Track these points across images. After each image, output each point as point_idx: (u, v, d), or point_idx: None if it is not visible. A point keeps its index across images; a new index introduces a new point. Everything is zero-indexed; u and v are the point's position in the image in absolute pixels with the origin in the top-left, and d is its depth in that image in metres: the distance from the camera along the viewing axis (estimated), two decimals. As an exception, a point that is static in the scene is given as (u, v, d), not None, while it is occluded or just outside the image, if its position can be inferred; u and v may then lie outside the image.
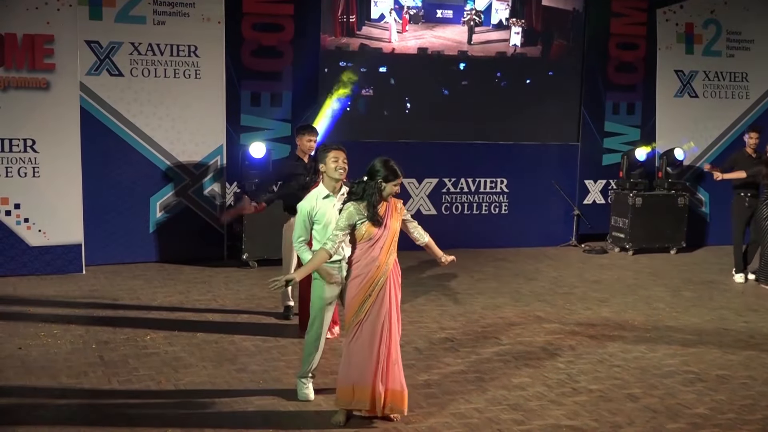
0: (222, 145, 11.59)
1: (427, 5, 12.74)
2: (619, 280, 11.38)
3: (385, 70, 12.73)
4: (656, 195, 13.23)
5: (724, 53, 14.05)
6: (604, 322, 9.21)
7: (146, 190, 11.33)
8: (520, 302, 9.99)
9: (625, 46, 13.91)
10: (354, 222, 6.14)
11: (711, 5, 13.88)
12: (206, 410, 6.36)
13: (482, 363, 7.68)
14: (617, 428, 6.31)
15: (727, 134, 14.05)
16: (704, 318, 9.57)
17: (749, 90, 14.18)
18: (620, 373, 7.57)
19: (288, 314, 8.85)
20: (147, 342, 7.98)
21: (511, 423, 6.33)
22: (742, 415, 6.66)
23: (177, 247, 11.41)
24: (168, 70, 11.25)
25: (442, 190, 13.02)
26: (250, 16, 11.94)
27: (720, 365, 7.88)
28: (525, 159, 13.32)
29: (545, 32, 13.40)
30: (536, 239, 13.36)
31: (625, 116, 14.10)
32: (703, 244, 13.87)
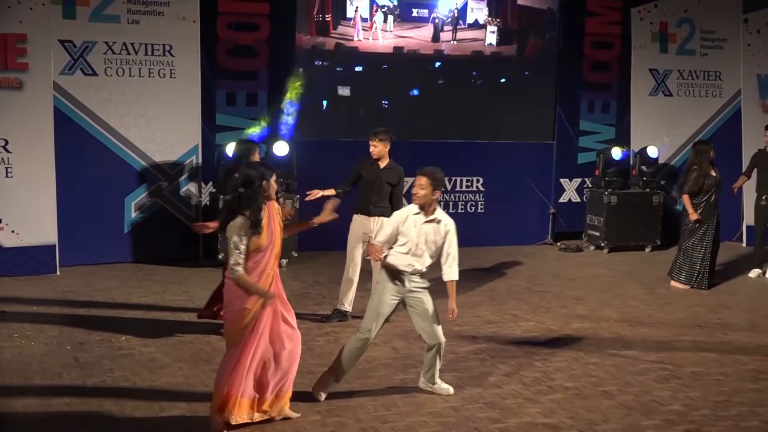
0: (197, 145, 11.55)
1: (402, 4, 12.75)
2: (594, 278, 11.43)
3: (361, 69, 12.73)
4: (631, 193, 13.30)
5: (698, 52, 14.14)
6: (580, 320, 9.25)
7: (121, 190, 11.27)
8: (496, 300, 10.02)
9: (599, 45, 13.97)
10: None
11: (685, 4, 13.96)
12: (182, 411, 6.34)
13: (458, 361, 7.70)
14: (593, 426, 6.34)
15: (701, 132, 14.13)
16: (678, 315, 9.63)
17: (722, 88, 14.28)
18: (596, 370, 7.60)
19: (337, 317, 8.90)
20: (122, 343, 7.94)
21: (488, 421, 6.35)
22: (716, 412, 6.70)
23: (152, 248, 11.36)
24: (142, 69, 11.20)
25: (417, 189, 13.01)
26: (226, 16, 11.90)
27: (694, 362, 7.93)
28: (501, 158, 13.36)
29: (521, 31, 13.45)
30: (512, 238, 13.40)
31: (600, 115, 14.16)
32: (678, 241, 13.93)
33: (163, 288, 10.12)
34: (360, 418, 6.29)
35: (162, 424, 6.07)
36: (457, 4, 12.98)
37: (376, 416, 6.35)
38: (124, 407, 6.36)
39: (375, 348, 7.89)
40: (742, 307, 10.11)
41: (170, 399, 6.58)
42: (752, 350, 8.34)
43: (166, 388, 6.82)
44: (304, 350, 7.75)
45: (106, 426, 6.02)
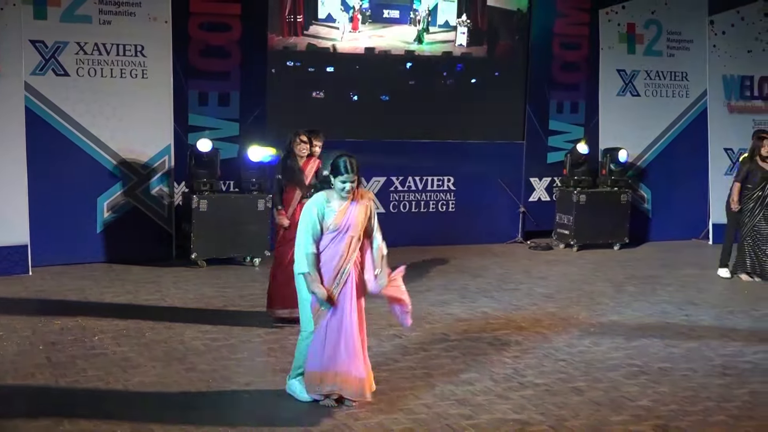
0: (170, 145, 11.50)
1: (374, 5, 12.75)
2: (564, 275, 11.48)
3: (333, 69, 12.72)
4: (600, 192, 13.37)
5: (665, 53, 14.23)
6: (550, 317, 9.28)
7: (93, 190, 11.19)
8: (467, 298, 10.04)
9: (568, 46, 14.04)
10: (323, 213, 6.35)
11: (652, 6, 14.06)
12: (155, 410, 6.31)
13: (430, 359, 7.71)
14: (563, 421, 6.37)
15: (668, 132, 14.23)
16: (647, 312, 9.69)
17: (689, 89, 14.37)
18: (565, 367, 7.63)
19: None
20: (95, 342, 7.88)
21: (459, 417, 6.36)
22: (683, 407, 6.75)
23: (125, 247, 11.29)
24: (114, 69, 11.14)
25: (390, 188, 13.04)
26: (197, 16, 11.86)
27: (662, 358, 7.98)
28: (471, 157, 13.38)
29: (490, 32, 13.48)
30: (483, 236, 13.43)
31: (569, 115, 14.24)
32: (646, 239, 14.04)
33: (135, 287, 10.06)
34: (333, 416, 6.28)
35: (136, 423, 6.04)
36: (428, 6, 13.00)
37: (349, 413, 6.35)
38: (97, 406, 6.33)
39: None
40: (709, 304, 10.18)
41: (143, 397, 6.56)
42: (718, 347, 8.40)
43: (139, 388, 6.78)
44: (277, 348, 7.78)
45: (79, 425, 5.98)
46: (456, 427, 6.19)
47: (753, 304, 10.17)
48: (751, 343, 8.54)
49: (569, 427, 6.26)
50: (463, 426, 6.22)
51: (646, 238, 14.06)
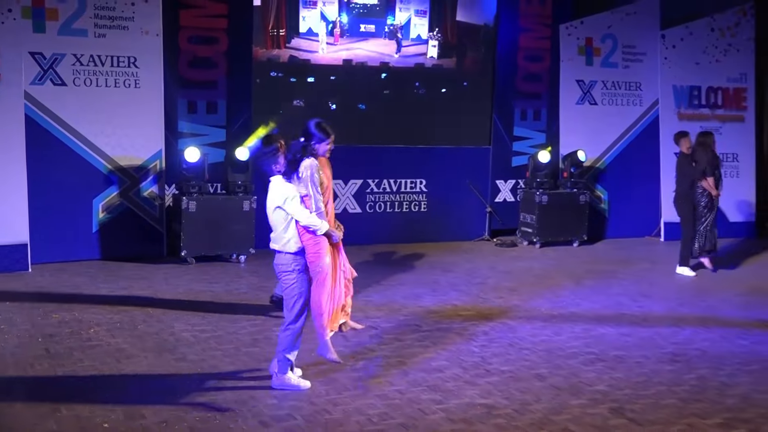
0: (161, 150, 11.45)
1: (351, 20, 12.75)
2: (527, 270, 11.51)
3: (313, 80, 12.70)
4: (560, 193, 13.41)
5: (620, 65, 14.29)
6: (515, 309, 9.31)
7: (89, 192, 11.13)
8: (438, 292, 10.05)
9: (531, 58, 14.08)
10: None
11: (608, 21, 14.11)
12: (147, 396, 6.29)
13: (404, 348, 7.72)
14: (526, 405, 6.39)
15: (623, 138, 14.29)
16: (603, 304, 9.73)
17: (642, 98, 14.44)
18: (529, 355, 7.66)
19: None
20: (91, 335, 7.84)
21: (430, 402, 6.37)
22: (637, 391, 6.80)
23: (119, 246, 11.23)
24: (109, 80, 11.08)
25: (367, 190, 13.04)
26: (187, 30, 11.81)
27: (617, 346, 8.02)
28: (442, 161, 13.40)
29: (459, 46, 13.51)
30: (452, 234, 13.45)
31: (532, 122, 14.29)
32: (602, 237, 14.10)
33: (129, 283, 10.01)
34: (313, 402, 6.29)
35: (128, 409, 6.02)
36: (401, 21, 13.02)
37: (329, 399, 6.35)
38: (92, 394, 6.30)
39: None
40: (661, 296, 10.25)
41: (136, 386, 6.54)
42: (669, 335, 8.45)
43: (131, 376, 6.76)
44: (262, 339, 7.77)
45: (75, 411, 5.95)
46: (427, 411, 6.20)
47: (701, 297, 10.24)
48: (699, 332, 8.60)
49: (532, 411, 6.29)
50: (434, 410, 6.23)
51: (603, 235, 14.12)
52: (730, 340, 8.36)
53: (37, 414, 5.90)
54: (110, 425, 5.75)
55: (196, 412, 6.01)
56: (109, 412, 5.95)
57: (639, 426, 6.09)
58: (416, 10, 13.12)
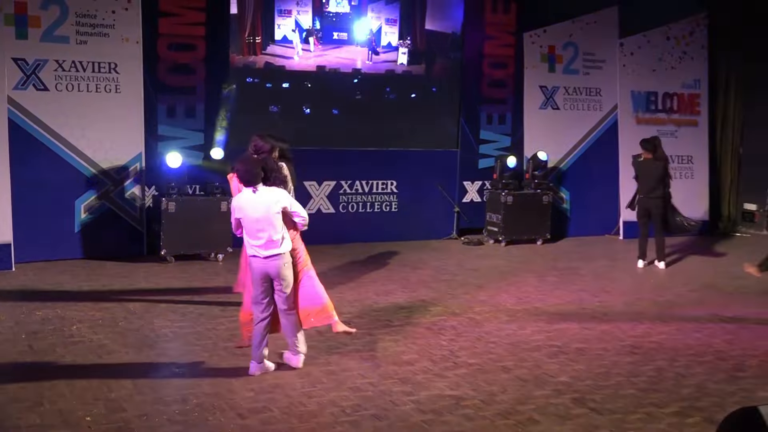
0: (141, 153, 11.37)
1: (324, 28, 12.73)
2: (493, 268, 11.54)
3: (288, 85, 12.67)
4: (524, 194, 13.46)
5: (581, 71, 14.36)
6: (481, 305, 9.33)
7: (71, 193, 11.03)
8: (408, 288, 10.06)
9: (496, 65, 14.11)
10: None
11: (570, 30, 14.18)
12: (128, 391, 6.23)
13: (376, 342, 7.71)
14: (492, 396, 6.41)
15: (584, 141, 14.38)
16: (565, 299, 9.78)
17: (602, 103, 14.52)
18: (495, 348, 7.68)
19: None
20: (73, 331, 7.77)
21: (401, 394, 6.37)
22: (597, 382, 6.83)
23: (100, 245, 11.14)
24: (90, 85, 10.99)
25: (340, 191, 13.02)
26: (166, 37, 11.73)
27: (579, 339, 8.06)
28: (412, 163, 13.42)
29: (428, 53, 13.53)
30: (422, 233, 13.47)
31: (498, 126, 14.31)
32: (565, 235, 14.18)
33: (110, 281, 9.93)
34: (289, 394, 6.27)
35: (110, 403, 5.97)
36: (373, 29, 13.02)
37: (303, 392, 6.34)
38: (74, 388, 6.24)
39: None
40: (620, 291, 10.31)
41: (117, 379, 6.48)
42: (628, 329, 8.51)
43: (113, 371, 6.70)
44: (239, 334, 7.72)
45: (57, 405, 5.89)
46: (398, 403, 6.20)
47: (657, 292, 10.32)
48: (656, 326, 8.66)
49: (498, 401, 6.31)
50: (405, 401, 6.23)
51: (565, 234, 14.20)
52: (685, 333, 8.43)
53: (20, 408, 5.83)
54: (92, 419, 5.70)
55: (176, 405, 5.97)
56: (91, 406, 5.90)
57: (600, 415, 6.12)
58: (387, 18, 13.13)
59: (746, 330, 8.62)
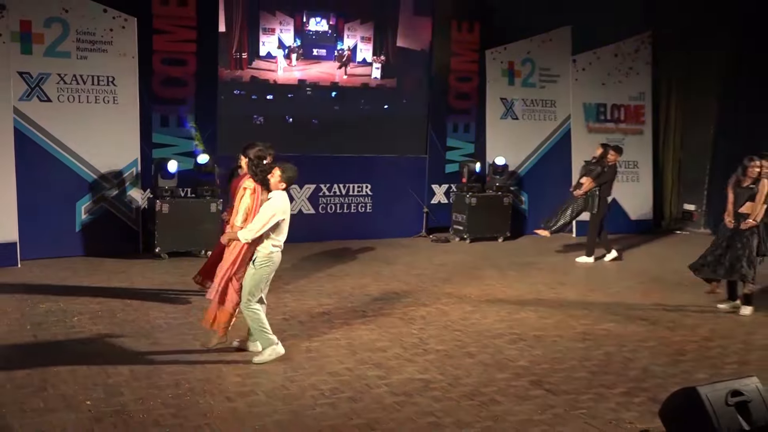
0: (137, 159, 11.27)
1: (305, 45, 12.71)
2: (459, 263, 11.56)
3: (272, 97, 12.63)
4: (487, 196, 13.49)
5: (538, 85, 14.40)
6: (448, 296, 9.35)
7: (73, 196, 10.91)
8: (381, 282, 10.05)
9: (462, 79, 14.13)
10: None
11: (528, 47, 14.22)
12: (126, 377, 6.19)
13: (352, 331, 7.71)
14: (458, 379, 6.43)
15: (540, 148, 14.42)
16: (524, 291, 9.82)
17: (556, 114, 14.58)
18: (461, 336, 7.70)
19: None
20: (74, 322, 7.70)
21: (375, 378, 6.37)
22: (553, 366, 6.87)
23: (100, 244, 11.03)
24: (90, 96, 10.88)
25: (319, 193, 12.99)
26: (160, 53, 11.63)
27: (536, 327, 8.10)
28: (385, 168, 13.40)
29: (400, 68, 13.53)
30: (394, 232, 13.45)
31: (463, 134, 14.31)
32: (523, 233, 14.20)
33: (108, 277, 9.84)
34: (273, 379, 6.25)
35: (108, 388, 5.92)
36: (349, 46, 13.00)
37: (286, 377, 6.32)
38: (75, 375, 6.18)
39: (285, 322, 7.86)
40: (573, 283, 10.37)
41: (116, 367, 6.43)
42: (581, 317, 8.57)
43: (112, 359, 6.64)
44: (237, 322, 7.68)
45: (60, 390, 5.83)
46: (373, 386, 6.20)
47: (607, 284, 10.39)
48: (606, 315, 8.73)
49: (464, 384, 6.32)
50: (379, 385, 6.24)
51: (524, 231, 14.22)
52: (632, 321, 8.50)
53: (25, 393, 5.77)
54: (92, 403, 5.66)
55: (170, 390, 5.93)
56: (91, 391, 5.85)
57: (555, 396, 6.15)
58: (362, 36, 13.12)
59: (686, 318, 8.71)
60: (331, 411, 5.69)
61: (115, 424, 5.34)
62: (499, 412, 5.79)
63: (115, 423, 5.35)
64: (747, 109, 14.26)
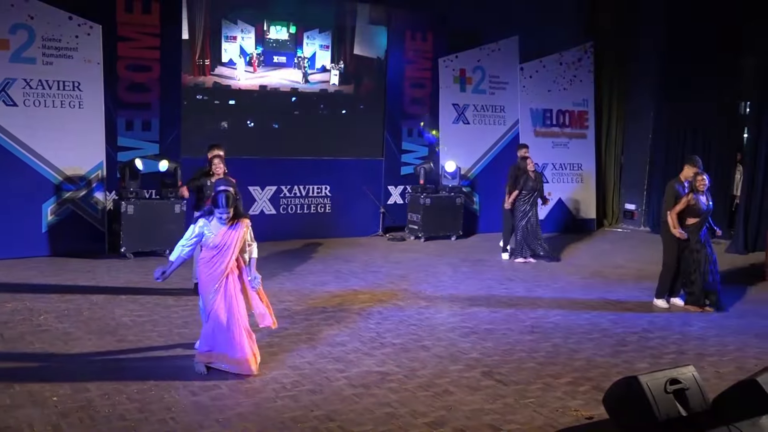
0: (102, 162, 11.07)
1: (266, 52, 12.63)
2: (414, 260, 11.58)
3: (234, 102, 12.52)
4: (440, 196, 13.53)
5: (488, 91, 14.47)
6: (404, 292, 9.35)
7: (39, 198, 10.68)
8: (340, 279, 10.02)
9: (416, 85, 14.15)
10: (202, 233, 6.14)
11: (478, 56, 14.29)
12: (92, 373, 6.07)
13: (312, 327, 7.67)
14: (414, 371, 6.43)
15: (490, 151, 14.49)
16: (476, 287, 9.86)
17: (505, 119, 14.67)
18: (416, 330, 7.71)
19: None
20: (41, 321, 7.53)
21: (335, 371, 6.35)
22: (503, 357, 6.91)
23: (66, 244, 10.81)
24: (56, 101, 10.67)
25: (280, 195, 12.90)
26: (124, 59, 11.45)
27: (487, 321, 8.14)
28: (343, 170, 13.37)
29: (357, 75, 13.51)
30: (352, 231, 13.42)
31: (417, 138, 14.25)
32: (475, 232, 14.29)
33: (75, 276, 9.65)
34: (237, 374, 6.18)
35: (75, 384, 5.80)
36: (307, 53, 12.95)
37: (249, 371, 6.26)
38: (43, 372, 6.05)
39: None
40: (522, 279, 10.44)
41: (82, 363, 6.32)
42: (529, 311, 8.63)
43: (78, 356, 6.52)
44: (191, 321, 7.59)
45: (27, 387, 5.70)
46: (332, 379, 6.18)
47: (553, 280, 10.48)
48: (552, 308, 8.81)
49: (419, 376, 6.33)
50: (338, 378, 6.21)
51: (475, 231, 14.31)
52: (576, 314, 8.59)
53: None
54: (59, 399, 5.54)
55: (135, 386, 5.84)
56: (58, 387, 5.74)
57: (505, 386, 6.19)
58: (320, 44, 13.07)
59: (627, 311, 8.83)
60: (293, 403, 5.66)
61: (81, 419, 5.24)
62: (453, 402, 5.81)
63: (81, 418, 5.25)
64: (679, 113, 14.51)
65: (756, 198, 12.91)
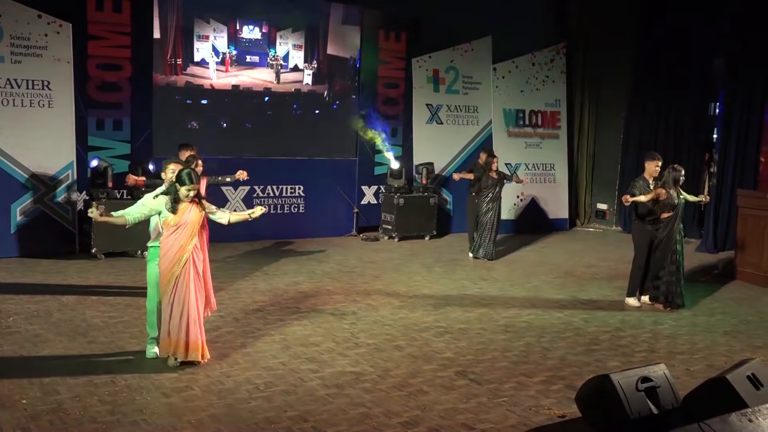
0: (72, 162, 10.96)
1: (239, 52, 12.56)
2: (388, 260, 11.58)
3: (207, 102, 12.44)
4: (414, 196, 13.55)
5: (461, 92, 14.54)
6: (378, 292, 9.35)
7: (8, 198, 10.54)
8: (314, 279, 10.00)
9: (389, 85, 14.16)
10: (160, 210, 6.29)
11: (451, 56, 14.35)
12: (62, 374, 6.00)
13: (286, 327, 7.64)
14: (388, 371, 6.43)
15: (464, 151, 14.55)
16: (450, 286, 9.89)
17: (479, 119, 14.75)
18: (390, 330, 7.71)
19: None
20: (10, 323, 7.43)
21: (309, 372, 6.33)
22: (477, 357, 6.93)
23: (35, 245, 10.68)
24: (24, 100, 10.54)
25: (253, 195, 12.85)
26: (95, 58, 11.34)
27: (461, 321, 8.16)
28: (317, 170, 13.35)
29: (330, 74, 13.49)
30: (326, 231, 13.40)
31: (391, 138, 14.30)
32: (448, 232, 14.33)
33: (45, 277, 9.54)
34: (209, 374, 6.15)
35: (44, 386, 5.73)
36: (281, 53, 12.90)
37: (222, 372, 6.23)
38: (12, 374, 5.96)
39: (220, 319, 7.74)
40: (495, 279, 10.48)
41: (52, 365, 6.23)
42: (502, 310, 8.67)
43: (48, 358, 6.44)
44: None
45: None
46: (306, 379, 6.15)
47: (526, 279, 10.53)
48: (525, 308, 8.85)
49: (393, 376, 6.33)
50: (312, 378, 6.19)
51: (449, 230, 14.35)
52: (549, 313, 8.64)
53: (-40, 394, 5.55)
54: (28, 401, 5.47)
55: (106, 387, 5.78)
56: (27, 390, 5.66)
57: (479, 385, 6.21)
58: (293, 44, 13.04)
59: (599, 310, 8.90)
60: (266, 404, 5.63)
61: (51, 421, 5.17)
62: (427, 401, 5.82)
63: (52, 420, 5.19)
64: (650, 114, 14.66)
65: (725, 197, 13.08)
